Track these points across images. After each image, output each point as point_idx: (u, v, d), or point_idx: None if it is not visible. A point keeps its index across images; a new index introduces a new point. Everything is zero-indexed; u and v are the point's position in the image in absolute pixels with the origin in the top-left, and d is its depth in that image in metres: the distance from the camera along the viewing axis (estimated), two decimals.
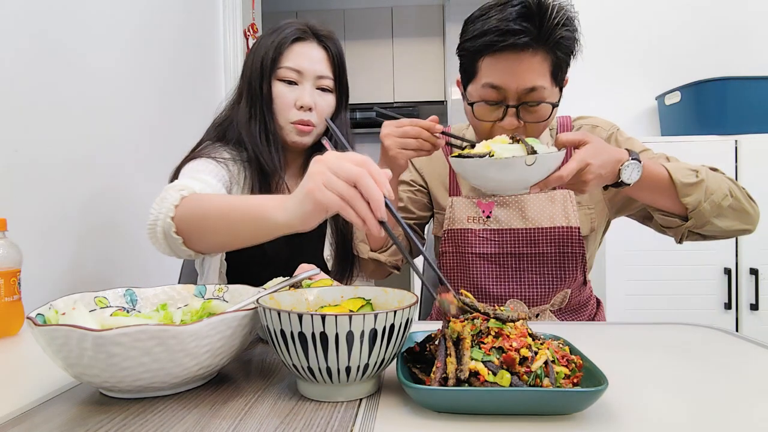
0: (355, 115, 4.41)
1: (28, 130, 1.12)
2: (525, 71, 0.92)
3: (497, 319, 0.59)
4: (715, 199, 0.94)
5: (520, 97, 0.94)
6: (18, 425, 0.53)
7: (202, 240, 0.84)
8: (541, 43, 0.91)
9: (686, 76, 2.14)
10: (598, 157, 0.85)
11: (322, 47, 1.13)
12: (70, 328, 0.53)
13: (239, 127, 1.11)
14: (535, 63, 0.91)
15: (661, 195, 0.96)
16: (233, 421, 0.53)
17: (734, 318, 1.94)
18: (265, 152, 1.09)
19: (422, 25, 4.27)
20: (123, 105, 1.47)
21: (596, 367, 0.56)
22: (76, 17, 1.28)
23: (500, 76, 0.93)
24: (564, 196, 1.08)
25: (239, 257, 1.10)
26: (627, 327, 0.91)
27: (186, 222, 0.83)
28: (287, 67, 1.09)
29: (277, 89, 1.10)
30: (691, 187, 0.93)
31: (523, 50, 0.91)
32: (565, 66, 0.97)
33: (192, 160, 1.06)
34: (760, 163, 1.94)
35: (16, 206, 1.07)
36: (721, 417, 0.55)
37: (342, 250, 1.17)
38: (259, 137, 1.09)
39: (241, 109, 1.12)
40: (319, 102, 1.11)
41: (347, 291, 0.70)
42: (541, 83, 0.92)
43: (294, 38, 1.10)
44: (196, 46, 2.00)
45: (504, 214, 1.10)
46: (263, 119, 1.10)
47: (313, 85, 1.11)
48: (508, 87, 0.93)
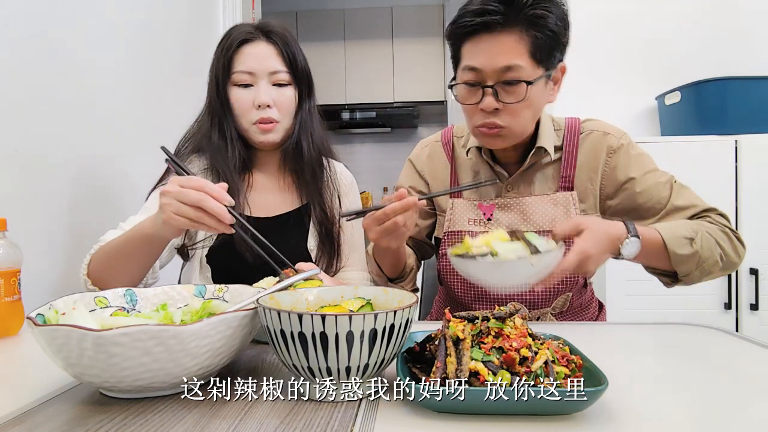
0: (355, 115, 4.42)
1: (28, 130, 1.12)
2: (500, 51, 0.92)
3: (497, 318, 0.59)
4: (706, 267, 0.96)
5: (499, 77, 0.94)
6: (18, 425, 0.53)
7: (114, 278, 0.96)
8: (514, 22, 0.91)
9: (686, 76, 2.14)
10: (597, 245, 0.85)
11: (270, 43, 1.13)
12: (70, 328, 0.53)
13: (202, 138, 1.16)
14: (510, 42, 0.92)
15: (656, 260, 0.96)
16: (233, 421, 0.53)
17: (734, 318, 1.94)
18: (222, 158, 1.13)
19: (422, 25, 4.27)
20: (123, 105, 1.47)
21: (596, 366, 0.56)
22: (77, 18, 1.28)
23: (477, 57, 0.94)
24: (566, 199, 1.07)
25: (220, 259, 1.13)
26: (627, 327, 0.91)
27: (96, 273, 0.97)
28: (239, 71, 1.11)
29: (234, 94, 1.12)
30: (685, 257, 0.94)
31: (496, 31, 0.92)
32: (546, 46, 0.94)
33: (155, 191, 1.13)
34: (760, 163, 1.94)
35: (16, 206, 1.07)
36: (721, 417, 0.55)
37: (326, 239, 1.18)
38: (217, 144, 1.13)
39: (203, 120, 1.17)
40: (278, 97, 1.12)
41: (347, 291, 0.70)
42: (517, 62, 0.92)
43: (240, 41, 1.12)
44: (196, 46, 2.00)
45: (505, 216, 1.10)
46: (221, 126, 1.14)
47: (269, 82, 1.12)
48: (484, 68, 0.94)
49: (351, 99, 4.35)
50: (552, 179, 1.09)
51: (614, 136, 1.09)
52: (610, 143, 1.07)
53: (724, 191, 1.93)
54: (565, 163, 1.08)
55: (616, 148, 1.07)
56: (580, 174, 1.08)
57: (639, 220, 1.06)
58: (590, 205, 1.08)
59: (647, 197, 1.05)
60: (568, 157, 1.08)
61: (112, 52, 1.43)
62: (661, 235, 0.93)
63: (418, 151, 1.24)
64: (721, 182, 1.94)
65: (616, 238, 0.88)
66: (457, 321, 0.59)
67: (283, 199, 1.19)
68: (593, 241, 0.85)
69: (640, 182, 1.05)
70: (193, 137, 1.19)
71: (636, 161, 1.07)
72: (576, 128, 1.11)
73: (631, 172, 1.06)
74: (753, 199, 1.93)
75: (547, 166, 1.10)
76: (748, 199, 1.93)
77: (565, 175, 1.08)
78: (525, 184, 1.10)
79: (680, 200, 1.04)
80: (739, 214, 1.93)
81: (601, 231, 0.87)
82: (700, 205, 1.04)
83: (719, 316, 1.92)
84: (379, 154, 4.65)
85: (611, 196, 1.08)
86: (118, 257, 0.95)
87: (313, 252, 1.17)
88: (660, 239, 0.92)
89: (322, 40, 4.30)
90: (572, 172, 1.08)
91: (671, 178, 1.07)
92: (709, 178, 1.92)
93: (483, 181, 1.10)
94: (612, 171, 1.07)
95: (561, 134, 1.11)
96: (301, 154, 1.17)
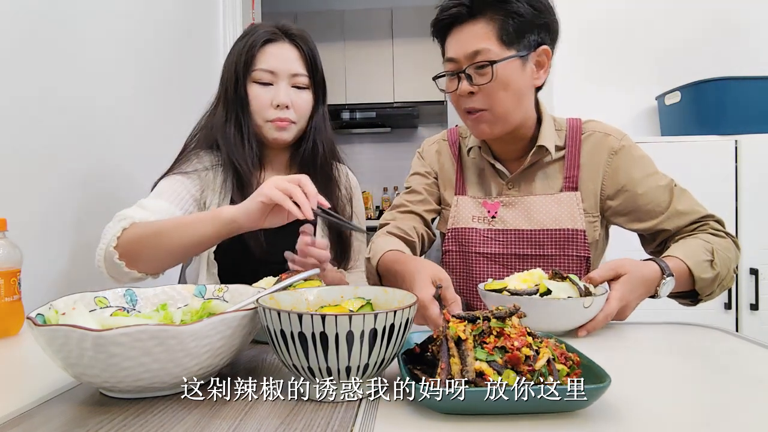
0: (355, 115, 4.42)
1: (27, 130, 1.12)
2: (469, 38, 0.99)
3: (497, 318, 0.58)
4: (724, 284, 0.99)
5: (470, 62, 0.99)
6: (18, 425, 0.53)
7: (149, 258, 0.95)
8: (480, 10, 0.98)
9: (686, 76, 2.14)
10: (635, 291, 0.88)
11: (294, 46, 1.15)
12: (70, 328, 0.53)
13: (215, 132, 1.15)
14: (476, 29, 0.99)
15: (681, 287, 0.97)
16: (233, 421, 0.53)
17: (734, 318, 1.93)
18: (239, 153, 1.13)
19: (422, 25, 4.19)
20: (123, 105, 1.47)
21: (595, 363, 0.56)
22: (78, 18, 1.28)
23: (452, 48, 1.02)
24: (570, 199, 1.07)
25: (227, 255, 1.13)
26: (627, 327, 0.91)
27: (129, 246, 0.94)
28: (261, 69, 1.12)
29: (253, 91, 1.13)
30: (709, 280, 0.96)
31: (466, 21, 0.99)
32: (515, 28, 0.98)
33: (164, 178, 1.12)
34: (760, 163, 1.94)
35: (16, 206, 1.07)
36: (721, 417, 0.55)
37: (337, 240, 1.19)
38: (234, 138, 1.13)
39: (218, 113, 1.16)
40: (296, 99, 1.14)
41: (347, 291, 0.70)
42: (485, 46, 0.97)
43: (265, 40, 1.13)
44: (196, 47, 2.00)
45: (509, 214, 1.10)
46: (238, 121, 1.14)
47: (288, 83, 1.14)
48: (457, 56, 1.01)
49: (351, 99, 4.35)
50: (554, 178, 1.10)
51: (615, 137, 1.09)
52: (611, 144, 1.08)
53: (724, 191, 1.93)
54: (569, 163, 1.09)
55: (617, 149, 1.07)
56: (582, 174, 1.08)
57: (638, 222, 1.07)
58: (590, 205, 1.08)
59: (647, 200, 1.05)
60: (571, 157, 1.09)
61: (113, 53, 1.43)
62: (686, 264, 0.94)
63: (427, 146, 1.26)
64: (721, 182, 1.94)
65: (653, 281, 0.90)
66: (456, 321, 0.58)
67: None
68: (632, 286, 0.88)
69: (641, 184, 1.05)
70: (203, 130, 1.19)
71: (637, 163, 1.07)
72: (578, 128, 1.11)
73: (633, 173, 1.06)
74: (753, 199, 1.93)
75: (548, 165, 1.10)
76: (748, 199, 1.92)
77: (569, 175, 1.08)
78: (526, 182, 1.11)
79: (681, 205, 1.04)
80: (738, 214, 1.93)
81: (638, 276, 0.89)
82: (700, 210, 1.05)
83: (719, 316, 1.92)
84: (379, 154, 4.65)
85: (612, 197, 1.08)
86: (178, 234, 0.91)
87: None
88: (686, 268, 0.94)
89: (321, 41, 4.25)
90: (576, 172, 1.08)
91: (671, 182, 1.07)
92: (709, 178, 1.92)
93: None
94: (614, 172, 1.07)
95: (563, 134, 1.11)
96: (316, 157, 1.19)
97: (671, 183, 1.07)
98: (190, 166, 1.14)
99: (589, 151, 1.09)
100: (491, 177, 1.14)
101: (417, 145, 1.31)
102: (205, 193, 1.14)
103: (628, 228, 1.10)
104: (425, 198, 1.19)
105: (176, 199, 1.09)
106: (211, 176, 1.15)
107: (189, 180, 1.13)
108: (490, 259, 1.10)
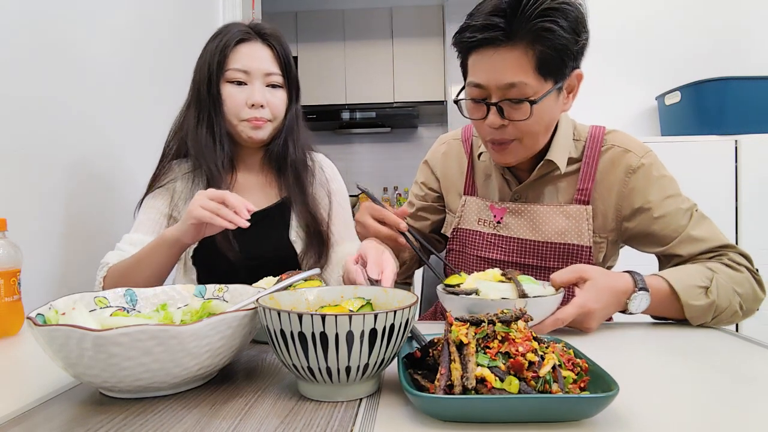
0: (355, 115, 4.42)
1: (27, 131, 1.12)
2: (503, 67, 0.88)
3: (502, 322, 0.56)
4: (723, 318, 0.89)
5: (503, 94, 0.90)
6: (18, 425, 0.53)
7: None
8: (518, 36, 0.86)
9: (686, 76, 2.14)
10: (600, 299, 0.81)
11: (267, 46, 1.15)
12: (70, 328, 0.53)
13: (187, 136, 1.15)
14: (513, 58, 0.87)
15: (668, 312, 0.90)
16: (233, 421, 0.53)
17: None
18: (209, 155, 1.13)
19: (422, 25, 4.27)
20: (122, 105, 1.47)
21: (604, 370, 0.54)
22: (78, 19, 1.28)
23: (481, 73, 0.91)
24: (580, 212, 1.01)
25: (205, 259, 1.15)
26: (628, 327, 0.91)
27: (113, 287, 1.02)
28: (235, 69, 1.12)
29: (226, 91, 1.13)
30: (701, 308, 0.87)
31: (499, 45, 0.87)
32: (554, 60, 0.88)
33: (143, 203, 1.17)
34: (760, 163, 1.94)
35: (16, 206, 1.07)
36: (722, 417, 0.55)
37: (313, 235, 1.20)
38: (205, 140, 1.13)
39: (189, 115, 1.16)
40: (271, 99, 1.14)
41: (347, 291, 0.70)
42: (522, 79, 0.87)
43: (238, 39, 1.13)
44: (196, 46, 2.00)
45: (515, 222, 1.06)
46: (210, 122, 1.14)
47: (263, 82, 1.14)
48: (488, 84, 0.90)
49: (351, 99, 4.35)
50: (564, 192, 1.03)
51: (635, 154, 0.99)
52: (629, 162, 0.99)
53: (724, 191, 1.93)
54: (584, 175, 1.01)
55: (635, 168, 0.98)
56: (595, 191, 1.01)
57: (651, 246, 1.00)
58: (598, 225, 1.01)
59: (665, 224, 0.97)
60: (587, 169, 1.01)
61: (113, 53, 1.43)
62: (672, 287, 0.87)
63: (435, 147, 1.24)
64: (721, 182, 1.94)
65: (622, 293, 0.84)
66: (459, 324, 0.56)
67: (264, 195, 1.21)
68: (596, 294, 0.81)
69: (658, 208, 0.97)
70: (178, 134, 1.19)
71: (656, 184, 0.98)
72: (599, 139, 1.03)
73: (650, 195, 0.98)
74: (753, 199, 1.93)
75: (559, 179, 1.04)
76: (748, 199, 1.93)
77: (582, 187, 1.01)
78: (534, 193, 1.06)
79: (696, 231, 0.96)
80: (739, 214, 1.93)
81: (604, 284, 0.83)
82: (717, 240, 0.96)
83: None
84: (379, 154, 4.65)
85: (628, 219, 1.00)
86: (140, 269, 1.00)
87: (296, 244, 1.19)
88: (668, 290, 0.87)
89: (321, 41, 4.30)
90: (590, 185, 1.01)
91: (693, 206, 0.99)
92: (709, 178, 1.92)
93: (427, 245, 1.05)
94: (629, 193, 0.99)
95: (581, 145, 1.04)
96: (286, 155, 1.19)
97: (693, 207, 0.98)
98: (165, 180, 1.17)
99: (605, 166, 1.01)
100: (500, 183, 1.09)
101: (417, 145, 1.31)
102: (176, 203, 1.15)
103: (641, 250, 1.04)
104: (418, 213, 1.21)
105: (151, 228, 1.13)
106: (181, 185, 1.16)
107: (160, 199, 1.15)
108: (491, 264, 1.07)
